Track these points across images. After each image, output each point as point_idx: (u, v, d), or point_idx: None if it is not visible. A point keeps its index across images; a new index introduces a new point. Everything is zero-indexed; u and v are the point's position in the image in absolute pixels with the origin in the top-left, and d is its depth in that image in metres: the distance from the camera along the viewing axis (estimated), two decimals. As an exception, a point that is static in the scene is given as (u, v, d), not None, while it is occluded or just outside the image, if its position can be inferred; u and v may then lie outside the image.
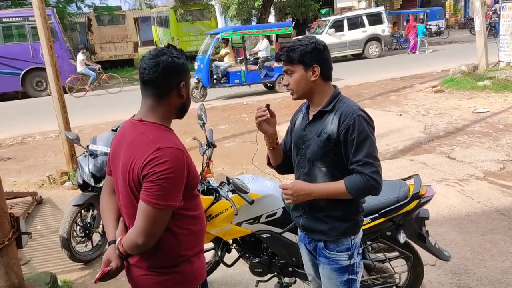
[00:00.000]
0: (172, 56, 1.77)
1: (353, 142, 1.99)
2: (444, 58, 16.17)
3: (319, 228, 2.18)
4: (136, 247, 1.74)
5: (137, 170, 1.69)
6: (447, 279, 3.51)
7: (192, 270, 1.89)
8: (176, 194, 1.71)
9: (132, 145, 1.75)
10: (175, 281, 1.85)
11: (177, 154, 1.70)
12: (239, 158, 6.70)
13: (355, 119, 1.99)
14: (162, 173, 1.65)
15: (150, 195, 1.66)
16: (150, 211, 1.67)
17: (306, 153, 2.15)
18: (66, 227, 4.00)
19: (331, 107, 2.08)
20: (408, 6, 28.53)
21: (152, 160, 1.66)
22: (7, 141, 9.35)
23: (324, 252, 2.20)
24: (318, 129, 2.10)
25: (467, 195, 4.98)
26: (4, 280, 3.03)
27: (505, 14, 11.65)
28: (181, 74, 1.79)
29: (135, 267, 1.86)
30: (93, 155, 4.18)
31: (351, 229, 2.18)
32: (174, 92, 1.79)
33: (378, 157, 2.04)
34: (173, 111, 1.84)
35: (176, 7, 20.08)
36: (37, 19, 6.10)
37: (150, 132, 1.75)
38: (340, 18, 18.77)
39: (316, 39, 2.09)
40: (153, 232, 1.71)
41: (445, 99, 9.96)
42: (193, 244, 1.89)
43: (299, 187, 2.07)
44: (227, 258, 3.28)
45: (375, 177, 1.99)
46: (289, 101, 11.06)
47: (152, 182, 1.66)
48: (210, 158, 3.22)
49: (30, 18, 13.98)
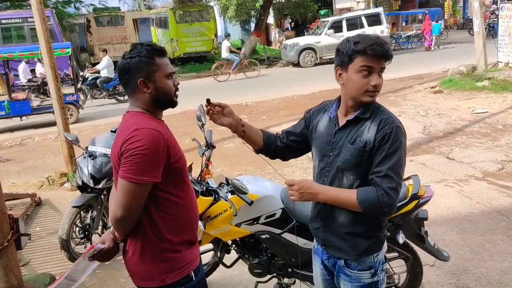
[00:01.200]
0: (127, 58, 1.87)
1: (383, 151, 1.85)
2: (443, 58, 16.20)
3: (339, 245, 2.03)
4: (116, 220, 1.82)
5: (117, 150, 1.81)
6: (446, 279, 3.51)
7: (180, 257, 1.93)
8: (151, 170, 1.77)
9: (118, 132, 1.89)
10: (163, 269, 1.90)
11: (153, 134, 1.77)
12: (238, 159, 6.70)
13: (393, 128, 1.86)
14: (136, 149, 1.74)
15: (126, 170, 1.76)
16: (125, 185, 1.76)
17: (335, 161, 1.97)
18: (65, 228, 3.99)
19: (369, 114, 1.93)
20: (407, 7, 28.57)
21: (129, 139, 1.76)
22: (6, 143, 9.35)
23: (345, 270, 2.04)
24: (352, 136, 1.93)
25: (466, 195, 4.98)
26: (4, 282, 3.03)
27: (503, 15, 11.68)
28: (136, 72, 1.85)
29: (129, 256, 1.94)
30: (92, 156, 4.18)
31: (374, 246, 2.01)
32: (138, 90, 1.87)
33: (401, 175, 1.89)
34: (149, 104, 1.90)
35: (175, 8, 20.06)
36: (36, 21, 6.10)
37: (131, 118, 1.88)
38: (339, 19, 18.78)
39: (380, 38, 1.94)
40: (129, 205, 1.78)
41: (444, 99, 9.97)
42: (177, 230, 1.92)
43: (306, 185, 1.94)
44: (226, 259, 3.28)
45: (390, 193, 1.83)
46: (288, 102, 11.13)
47: (127, 158, 1.75)
48: (209, 159, 3.23)
49: (29, 20, 13.98)
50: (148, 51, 1.86)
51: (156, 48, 1.90)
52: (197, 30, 20.21)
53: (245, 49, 20.49)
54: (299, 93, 11.85)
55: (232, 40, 30.32)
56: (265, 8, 19.85)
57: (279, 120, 9.26)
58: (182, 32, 20.13)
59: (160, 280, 1.90)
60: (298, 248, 2.82)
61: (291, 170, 6.05)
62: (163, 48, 1.96)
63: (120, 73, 1.90)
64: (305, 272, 2.92)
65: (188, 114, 9.33)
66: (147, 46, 1.88)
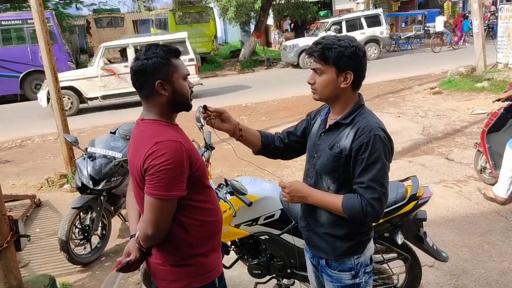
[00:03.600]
0: (142, 59, 1.80)
1: (362, 161, 1.83)
2: (443, 59, 16.20)
3: (319, 245, 2.06)
4: (147, 237, 1.80)
5: (140, 166, 1.76)
6: (445, 280, 3.51)
7: (206, 263, 1.92)
8: (178, 184, 1.74)
9: (135, 144, 1.84)
10: (190, 273, 1.89)
11: (174, 146, 1.73)
12: (237, 160, 6.67)
13: (370, 138, 1.82)
14: (161, 165, 1.69)
15: (152, 187, 1.72)
16: (153, 202, 1.73)
17: (316, 163, 2.00)
18: (65, 229, 4.00)
19: (350, 120, 1.91)
20: (406, 8, 28.55)
21: (151, 154, 1.71)
22: (6, 144, 9.35)
23: (326, 270, 2.07)
24: (331, 141, 1.94)
25: (465, 196, 4.99)
26: (3, 283, 3.03)
27: (502, 16, 11.68)
28: (153, 74, 1.78)
29: (154, 257, 1.92)
30: (92, 158, 4.19)
31: (354, 249, 2.00)
32: (155, 92, 1.81)
33: (385, 184, 1.85)
34: (165, 108, 1.85)
35: (175, 9, 20.07)
36: (36, 22, 6.11)
37: (148, 129, 1.82)
38: (338, 20, 18.78)
39: (357, 43, 1.87)
40: (159, 222, 1.76)
41: (443, 100, 9.98)
42: (206, 235, 1.92)
43: (296, 188, 1.97)
44: (225, 260, 3.27)
45: (373, 204, 1.82)
46: (288, 103, 11.14)
47: (152, 174, 1.71)
48: (208, 160, 3.24)
49: (29, 21, 13.99)
50: (164, 52, 1.80)
51: (172, 48, 1.84)
52: (197, 31, 20.21)
53: (245, 51, 20.50)
54: (299, 94, 11.85)
55: (231, 42, 30.41)
56: (265, 9, 19.85)
57: (278, 121, 9.26)
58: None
59: (186, 283, 1.89)
60: (297, 249, 2.82)
61: (291, 171, 6.06)
62: (178, 48, 1.90)
63: (135, 75, 1.82)
64: (304, 273, 2.92)
65: (187, 115, 9.34)
66: (163, 47, 1.83)
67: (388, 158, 1.88)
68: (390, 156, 1.91)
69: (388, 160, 1.88)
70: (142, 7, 36.76)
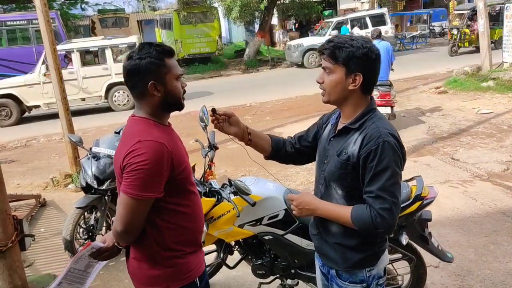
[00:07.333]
0: (135, 59, 1.77)
1: (371, 169, 1.74)
2: (448, 59, 16.13)
3: (330, 255, 1.97)
4: (116, 234, 1.79)
5: (120, 161, 1.74)
6: (450, 280, 3.49)
7: (185, 263, 1.89)
8: (154, 185, 1.72)
9: (122, 139, 1.85)
10: (167, 275, 1.86)
11: (155, 147, 1.71)
12: (241, 160, 6.69)
13: (379, 144, 1.73)
14: (138, 164, 1.68)
15: (127, 185, 1.71)
16: (126, 200, 1.72)
17: (325, 170, 1.92)
18: (69, 229, 4.01)
19: (358, 125, 1.82)
20: (412, 7, 28.46)
21: (131, 152, 1.70)
22: (11, 144, 9.40)
23: (337, 280, 1.97)
24: (340, 147, 1.85)
25: (470, 196, 4.96)
26: (8, 282, 3.05)
27: (508, 15, 11.62)
28: (146, 75, 1.76)
29: (132, 259, 1.91)
30: (96, 158, 4.19)
31: (367, 260, 1.91)
32: (147, 93, 1.79)
33: (395, 193, 1.76)
34: (156, 108, 1.83)
35: (180, 9, 20.08)
36: (41, 22, 6.14)
37: (135, 126, 1.82)
38: (343, 20, 18.75)
39: (371, 44, 1.79)
40: (130, 221, 1.74)
41: (448, 100, 9.94)
42: (184, 239, 1.89)
43: (304, 200, 1.90)
44: (229, 260, 3.28)
45: (383, 215, 1.72)
46: (291, 103, 11.12)
47: (129, 172, 1.70)
48: (212, 160, 3.23)
49: (34, 21, 14.04)
50: (158, 52, 1.77)
51: (165, 48, 1.81)
52: (201, 31, 20.22)
53: (249, 50, 20.50)
54: (303, 94, 11.84)
55: (236, 41, 30.41)
56: (269, 9, 19.84)
57: (283, 121, 9.25)
58: (186, 33, 20.13)
59: (164, 286, 1.87)
60: (301, 249, 2.81)
61: (295, 171, 6.05)
62: (172, 48, 1.88)
63: (128, 75, 1.80)
64: (308, 273, 2.92)
65: (191, 115, 9.34)
66: (157, 47, 1.79)
67: (400, 165, 1.79)
68: (402, 164, 1.82)
69: (399, 168, 1.79)
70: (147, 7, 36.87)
